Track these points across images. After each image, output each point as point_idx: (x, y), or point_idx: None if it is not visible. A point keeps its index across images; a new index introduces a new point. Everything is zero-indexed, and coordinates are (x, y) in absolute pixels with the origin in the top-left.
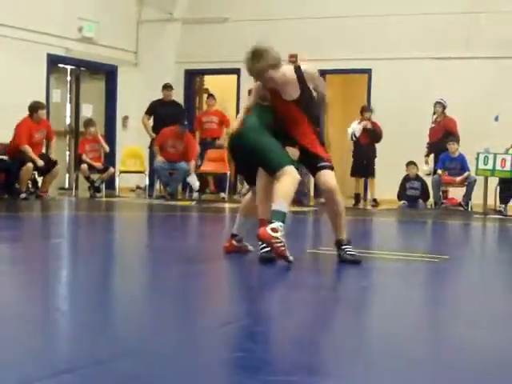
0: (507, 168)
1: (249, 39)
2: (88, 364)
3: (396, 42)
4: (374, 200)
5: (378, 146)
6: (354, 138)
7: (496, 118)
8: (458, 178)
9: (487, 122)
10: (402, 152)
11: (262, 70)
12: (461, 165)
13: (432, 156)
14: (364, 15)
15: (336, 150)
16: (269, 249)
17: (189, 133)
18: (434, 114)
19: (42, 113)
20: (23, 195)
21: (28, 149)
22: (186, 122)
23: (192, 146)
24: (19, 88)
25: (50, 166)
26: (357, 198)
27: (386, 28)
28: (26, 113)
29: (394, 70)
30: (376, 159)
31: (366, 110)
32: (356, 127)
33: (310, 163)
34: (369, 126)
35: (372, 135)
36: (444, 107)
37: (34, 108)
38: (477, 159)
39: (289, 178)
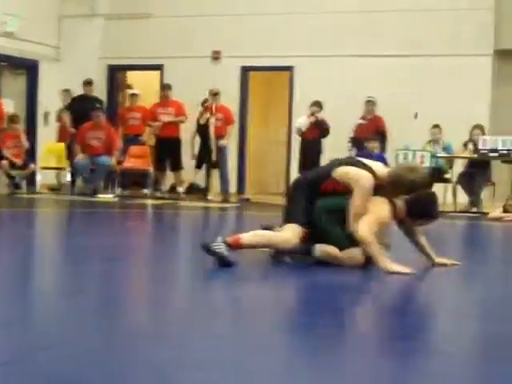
0: (426, 164)
1: (172, 36)
2: (4, 361)
3: (317, 39)
4: None
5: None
6: (300, 133)
7: (415, 116)
8: None
9: (407, 119)
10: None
11: None
12: (380, 162)
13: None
14: (284, 13)
15: (258, 147)
16: None
17: (108, 123)
18: (365, 111)
19: None
20: None
21: None
22: (99, 106)
23: (113, 135)
24: None
25: None
26: None
27: (307, 26)
28: None
29: (316, 67)
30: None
31: (313, 104)
32: (303, 122)
33: None
34: (316, 118)
35: (320, 128)
36: (374, 105)
37: None
38: (396, 156)
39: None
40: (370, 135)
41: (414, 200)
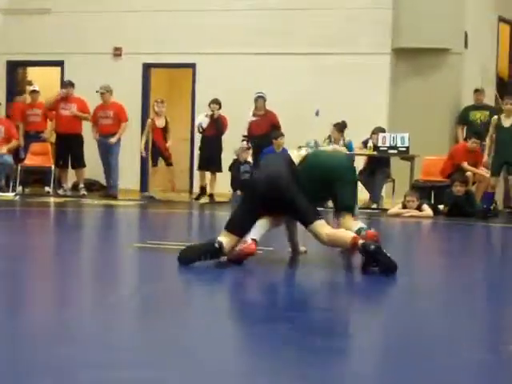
0: None
1: (72, 32)
2: None
3: (219, 37)
4: (211, 195)
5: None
6: (200, 130)
7: (317, 113)
8: None
9: (308, 116)
10: (226, 146)
11: None
12: None
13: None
14: (186, 10)
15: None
16: None
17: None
18: (256, 107)
19: None
20: None
21: None
22: None
23: (10, 127)
24: None
25: None
26: (202, 191)
27: (209, 23)
28: None
29: (218, 64)
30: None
31: (212, 102)
32: (203, 119)
33: None
34: (213, 116)
35: (216, 126)
36: (265, 100)
37: None
38: None
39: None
40: (277, 132)
41: None
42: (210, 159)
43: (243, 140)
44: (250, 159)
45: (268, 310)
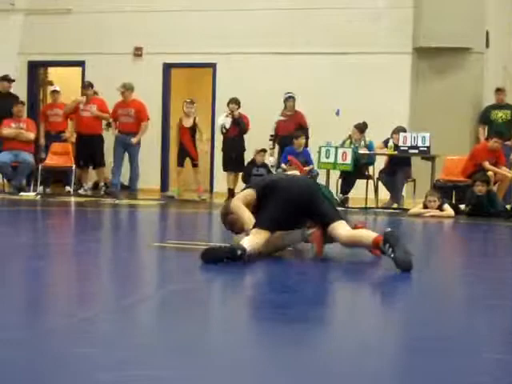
0: (348, 161)
1: (93, 32)
2: None
3: (239, 37)
4: (233, 195)
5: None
6: (224, 131)
7: (337, 113)
8: (304, 168)
9: (329, 116)
10: (247, 146)
11: None
12: (305, 159)
13: (277, 149)
14: (206, 10)
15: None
16: None
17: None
18: (286, 108)
19: None
20: None
21: None
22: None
23: (31, 123)
24: None
25: None
26: (230, 193)
27: (229, 23)
28: None
29: (238, 64)
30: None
31: (231, 101)
32: (225, 119)
33: None
34: (233, 116)
35: (238, 126)
36: (294, 100)
37: None
38: (319, 153)
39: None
40: (298, 131)
41: None
42: (233, 160)
43: (270, 139)
44: (267, 161)
45: (289, 309)
